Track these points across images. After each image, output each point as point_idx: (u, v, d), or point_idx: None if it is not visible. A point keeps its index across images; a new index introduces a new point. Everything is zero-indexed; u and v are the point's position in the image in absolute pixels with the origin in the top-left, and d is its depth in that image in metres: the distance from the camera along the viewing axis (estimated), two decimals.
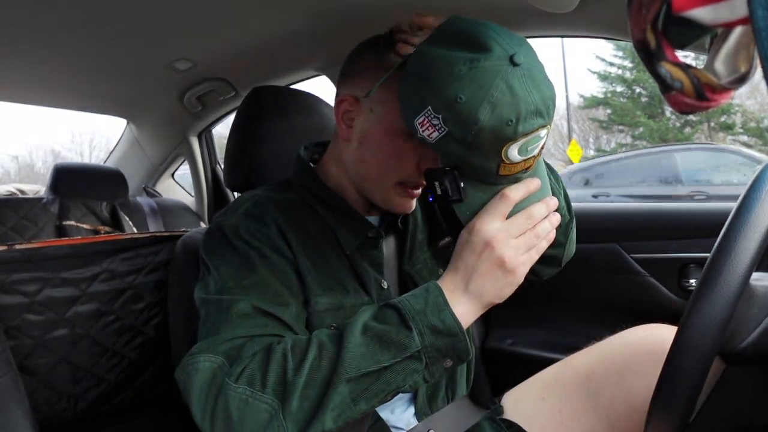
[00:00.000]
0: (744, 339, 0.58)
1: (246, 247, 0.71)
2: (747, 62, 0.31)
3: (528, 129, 0.56)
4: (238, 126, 1.08)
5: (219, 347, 0.62)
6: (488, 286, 0.62)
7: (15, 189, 1.86)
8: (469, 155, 0.59)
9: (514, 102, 0.55)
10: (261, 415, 0.56)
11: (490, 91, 0.54)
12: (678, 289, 1.11)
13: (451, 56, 0.56)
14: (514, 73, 0.55)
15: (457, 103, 0.55)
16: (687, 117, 10.76)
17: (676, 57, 0.31)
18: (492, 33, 0.57)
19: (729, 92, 0.32)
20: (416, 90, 0.60)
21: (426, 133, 0.60)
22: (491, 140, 0.57)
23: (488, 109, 0.55)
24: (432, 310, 0.61)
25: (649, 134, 12.01)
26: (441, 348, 0.60)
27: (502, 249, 0.61)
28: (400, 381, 0.60)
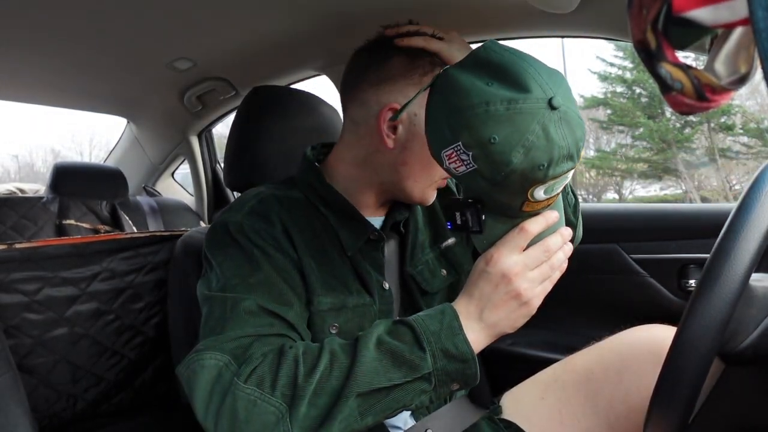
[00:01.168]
0: (743, 340, 0.58)
1: (250, 245, 0.71)
2: (747, 63, 0.31)
3: (558, 173, 0.56)
4: (238, 125, 1.08)
5: (226, 345, 0.61)
6: (502, 316, 0.63)
7: (15, 188, 1.85)
8: (494, 192, 0.58)
9: (548, 147, 0.53)
10: (268, 417, 0.56)
11: (526, 135, 0.52)
12: (678, 289, 1.11)
13: (488, 92, 0.54)
14: (551, 117, 0.53)
15: (491, 144, 0.53)
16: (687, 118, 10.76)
17: (677, 58, 0.31)
18: (532, 71, 0.54)
19: (729, 93, 0.32)
20: (448, 121, 0.57)
21: (453, 166, 0.58)
22: (520, 182, 0.56)
23: (522, 152, 0.53)
24: (446, 334, 0.61)
25: (649, 135, 12.00)
26: (451, 372, 0.61)
27: (518, 282, 0.61)
28: (408, 400, 0.60)
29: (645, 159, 12.53)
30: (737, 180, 11.67)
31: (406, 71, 0.75)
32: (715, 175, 12.07)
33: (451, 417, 0.84)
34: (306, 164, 0.84)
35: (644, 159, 12.56)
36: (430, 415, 0.82)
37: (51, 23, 1.08)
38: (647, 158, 12.45)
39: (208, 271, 0.73)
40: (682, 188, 12.27)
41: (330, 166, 0.83)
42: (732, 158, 11.70)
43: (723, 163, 11.70)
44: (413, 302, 0.82)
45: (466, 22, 1.13)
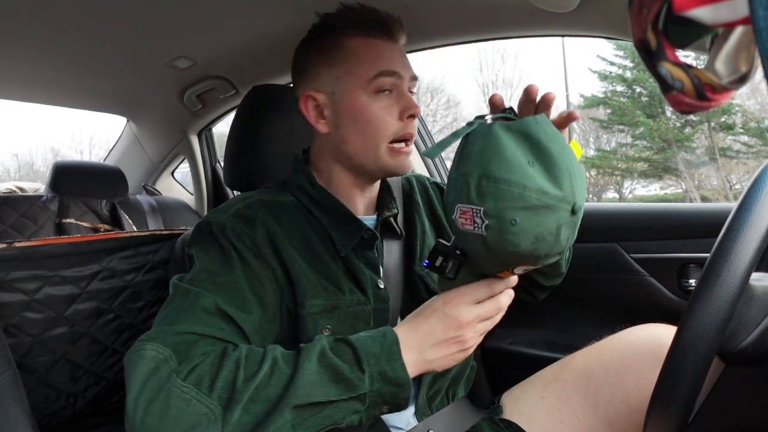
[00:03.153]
0: (743, 339, 0.58)
1: (229, 246, 0.72)
2: (748, 62, 0.31)
3: (547, 263, 0.59)
4: (238, 124, 1.08)
5: (170, 338, 0.61)
6: (441, 356, 0.65)
7: (15, 187, 1.85)
8: (485, 257, 0.60)
9: (553, 244, 0.56)
10: (199, 418, 0.55)
11: (542, 229, 0.54)
12: (677, 289, 1.11)
13: (528, 175, 0.54)
14: (568, 220, 0.55)
15: (511, 225, 0.54)
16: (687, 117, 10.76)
17: (677, 57, 0.31)
18: (570, 169, 0.55)
19: (729, 92, 0.32)
20: (479, 182, 0.56)
21: (461, 221, 0.58)
22: (514, 260, 0.59)
23: (531, 241, 0.55)
24: (386, 358, 0.62)
25: (650, 134, 12.00)
26: (385, 395, 0.62)
27: (467, 330, 0.64)
28: (339, 418, 0.60)
29: (645, 158, 12.52)
30: (737, 179, 11.67)
31: (312, 58, 0.83)
32: (715, 174, 12.06)
33: (452, 418, 0.84)
34: (297, 167, 0.85)
35: (644, 158, 12.55)
36: (432, 416, 0.82)
37: (51, 22, 1.08)
38: (647, 157, 12.44)
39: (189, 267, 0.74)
40: (683, 187, 12.26)
41: (315, 168, 0.85)
42: (732, 157, 11.70)
43: (723, 162, 11.70)
44: (420, 302, 0.82)
45: (466, 21, 1.13)
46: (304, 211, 0.81)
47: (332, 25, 0.82)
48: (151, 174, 2.12)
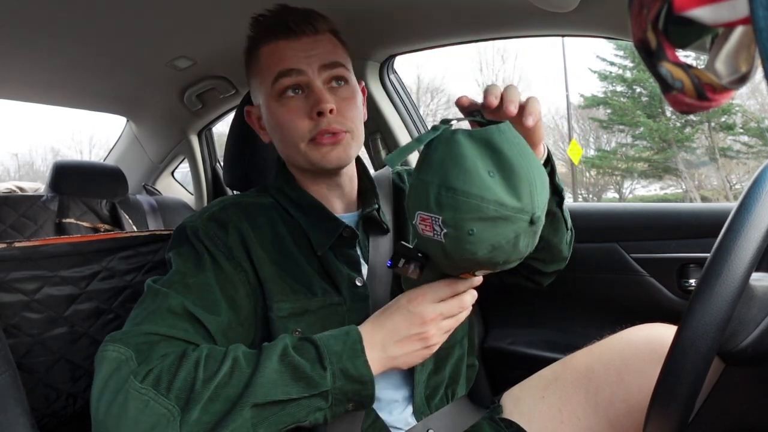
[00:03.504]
0: (743, 339, 0.58)
1: (203, 249, 0.73)
2: (748, 62, 0.31)
3: (507, 268, 0.61)
4: (238, 124, 1.08)
5: (132, 339, 0.62)
6: (405, 352, 0.65)
7: (14, 186, 1.85)
8: (444, 261, 0.61)
9: (511, 252, 0.57)
10: (157, 419, 0.56)
11: (499, 239, 0.55)
12: (678, 288, 1.11)
13: (487, 186, 0.54)
14: (527, 230, 0.56)
15: (468, 235, 0.55)
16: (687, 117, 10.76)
17: (677, 57, 0.31)
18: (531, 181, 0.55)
19: (730, 92, 0.32)
20: (438, 192, 0.56)
21: (420, 227, 0.59)
22: (472, 265, 0.60)
23: (488, 250, 0.56)
24: (348, 355, 0.62)
25: (650, 134, 12.00)
26: (348, 392, 0.62)
27: (430, 327, 0.65)
28: (303, 416, 0.61)
29: (645, 158, 12.53)
30: (737, 179, 11.68)
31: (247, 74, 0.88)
32: (715, 174, 12.07)
33: (451, 417, 0.84)
34: (278, 169, 0.87)
35: (644, 158, 12.56)
36: (431, 416, 0.82)
37: (51, 22, 1.08)
38: (647, 157, 12.45)
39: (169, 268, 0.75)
40: (683, 187, 12.27)
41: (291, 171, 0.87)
42: (732, 157, 11.70)
43: (723, 162, 11.70)
44: None
45: (467, 20, 1.13)
46: (282, 212, 0.82)
47: (252, 38, 0.84)
48: (151, 174, 2.12)
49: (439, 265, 0.64)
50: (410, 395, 0.82)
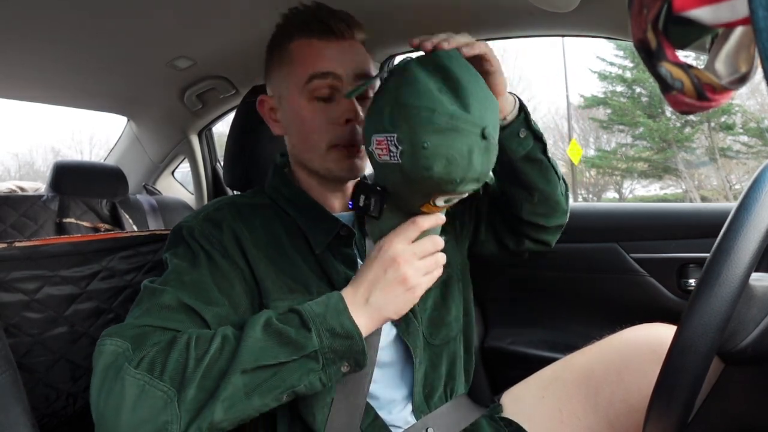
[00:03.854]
0: (743, 339, 0.58)
1: (198, 248, 0.73)
2: (747, 62, 0.31)
3: (464, 190, 0.62)
4: (238, 124, 1.08)
5: (128, 332, 0.63)
6: (389, 300, 0.66)
7: (15, 186, 1.85)
8: (404, 189, 0.64)
9: (466, 167, 0.59)
10: (156, 402, 0.57)
11: (453, 151, 0.58)
12: (677, 288, 1.11)
13: (437, 100, 0.58)
14: (479, 144, 0.59)
15: (422, 148, 0.58)
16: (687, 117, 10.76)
17: (677, 57, 0.31)
18: (480, 97, 0.59)
19: (729, 92, 0.32)
20: (392, 111, 0.60)
21: (378, 152, 0.62)
22: (431, 188, 0.61)
23: (443, 164, 0.58)
24: (332, 314, 0.63)
25: (649, 134, 12.00)
26: (338, 350, 0.63)
27: (405, 267, 0.65)
28: (296, 380, 0.61)
29: (645, 158, 12.53)
30: (737, 179, 11.68)
31: (268, 62, 0.84)
32: (715, 174, 12.07)
33: (451, 416, 0.84)
34: (274, 169, 0.87)
35: (644, 158, 12.56)
36: (431, 414, 0.82)
37: (52, 21, 1.08)
38: (647, 157, 12.45)
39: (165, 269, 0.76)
40: (682, 187, 12.27)
41: (292, 169, 0.87)
42: (732, 158, 11.70)
43: (723, 162, 11.70)
44: None
45: (467, 21, 1.13)
46: (279, 212, 0.82)
47: (283, 28, 0.82)
48: (151, 174, 2.12)
49: (399, 196, 0.66)
50: (409, 394, 0.82)
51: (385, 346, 0.80)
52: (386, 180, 0.66)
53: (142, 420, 0.56)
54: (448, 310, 0.87)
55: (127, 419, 0.57)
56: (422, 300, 0.83)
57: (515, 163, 0.82)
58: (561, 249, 1.24)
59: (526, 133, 0.80)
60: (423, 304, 0.84)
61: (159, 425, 0.56)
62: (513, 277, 1.30)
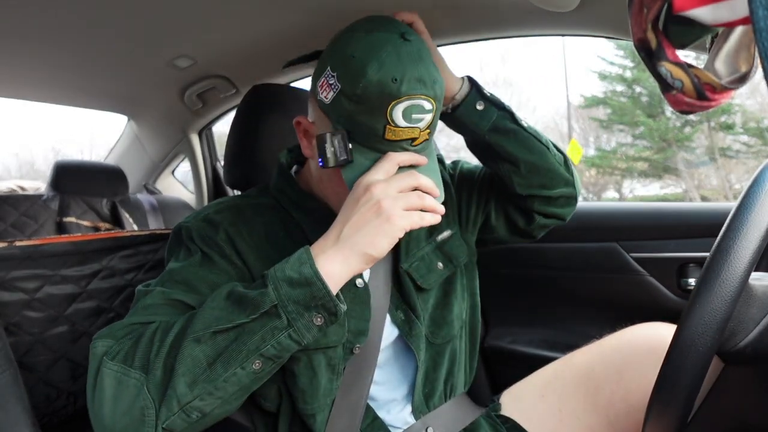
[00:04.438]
0: (742, 338, 0.58)
1: (195, 249, 0.73)
2: (747, 62, 0.31)
3: (410, 91, 0.63)
4: (238, 123, 1.08)
5: (117, 332, 0.63)
6: (362, 233, 0.62)
7: (15, 186, 1.85)
8: (357, 112, 0.64)
9: (399, 65, 0.63)
10: (130, 390, 0.57)
11: (380, 52, 0.63)
12: (677, 288, 1.11)
13: (354, 28, 0.67)
14: (403, 44, 0.64)
15: (351, 59, 0.64)
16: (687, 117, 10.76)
17: (677, 57, 0.32)
18: (394, 23, 0.68)
19: (729, 92, 0.32)
20: (322, 58, 0.69)
21: (323, 95, 0.67)
22: (377, 96, 0.63)
23: (376, 65, 0.62)
24: (292, 266, 0.60)
25: (649, 134, 11.98)
26: (299, 300, 0.59)
27: (378, 193, 0.62)
28: (260, 341, 0.58)
29: (645, 158, 12.51)
30: (737, 179, 11.66)
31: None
32: (715, 174, 12.06)
33: (450, 415, 0.84)
34: (278, 168, 0.85)
35: (644, 158, 12.54)
36: (430, 414, 0.82)
37: (52, 21, 1.08)
38: (647, 157, 12.43)
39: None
40: (682, 187, 12.26)
41: (306, 169, 0.84)
42: (732, 157, 11.69)
43: (723, 162, 11.69)
44: (407, 298, 0.82)
45: (466, 20, 1.12)
46: (283, 213, 0.81)
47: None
48: (151, 173, 2.12)
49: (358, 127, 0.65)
50: (408, 394, 0.82)
51: (385, 347, 0.80)
52: (340, 119, 0.66)
53: (123, 411, 0.56)
54: (450, 309, 0.86)
55: (111, 411, 0.57)
56: (424, 299, 0.83)
57: (485, 137, 0.81)
58: (561, 249, 1.24)
59: (484, 105, 0.80)
60: (425, 303, 0.83)
61: (137, 412, 0.56)
62: (513, 276, 1.30)
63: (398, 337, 0.81)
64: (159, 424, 0.56)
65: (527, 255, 1.28)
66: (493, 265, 1.29)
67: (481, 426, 0.84)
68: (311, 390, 0.72)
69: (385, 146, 0.66)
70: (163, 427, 0.56)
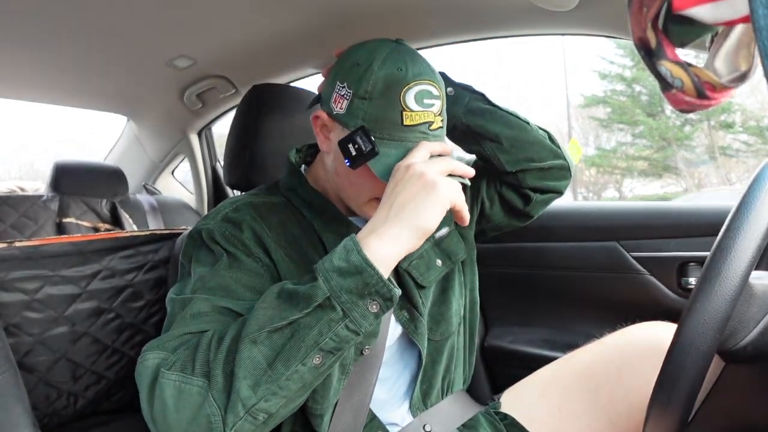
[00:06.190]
0: (743, 337, 0.58)
1: (220, 251, 0.72)
2: (747, 61, 0.31)
3: (417, 77, 0.68)
4: (238, 123, 1.07)
5: (168, 344, 0.62)
6: (410, 206, 0.61)
7: (15, 186, 1.85)
8: (373, 107, 0.68)
9: (400, 57, 0.69)
10: (194, 399, 0.56)
11: (381, 52, 0.70)
12: (677, 287, 1.11)
13: (349, 48, 0.74)
14: (398, 47, 0.71)
15: (355, 66, 0.70)
16: (687, 116, 10.76)
17: (677, 55, 0.31)
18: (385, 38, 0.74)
19: (729, 91, 0.32)
20: (329, 82, 0.74)
21: (338, 107, 0.71)
22: (388, 86, 0.68)
23: (380, 62, 0.68)
24: (339, 256, 0.60)
25: (649, 133, 11.99)
26: (352, 289, 0.58)
27: (421, 168, 0.63)
28: (317, 336, 0.57)
29: (645, 157, 12.52)
30: (737, 178, 11.67)
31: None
32: (715, 173, 12.07)
33: (448, 412, 0.84)
34: (289, 168, 0.85)
35: (644, 157, 12.55)
36: (428, 411, 0.82)
37: (51, 21, 1.08)
38: (647, 156, 12.44)
39: (182, 276, 0.75)
40: (682, 186, 12.26)
41: (315, 168, 0.84)
42: (732, 156, 11.70)
43: (723, 161, 11.70)
44: (410, 297, 0.82)
45: (466, 20, 1.12)
46: (295, 212, 0.80)
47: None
48: (151, 173, 2.11)
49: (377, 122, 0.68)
50: (407, 391, 0.82)
51: (391, 346, 0.80)
52: (357, 118, 0.69)
53: (189, 419, 0.56)
54: (449, 305, 0.86)
55: (176, 422, 0.56)
56: (425, 296, 0.83)
57: (462, 119, 0.85)
58: (561, 248, 1.24)
59: (455, 91, 0.86)
60: (425, 300, 0.84)
61: (203, 420, 0.55)
62: (513, 276, 1.30)
63: (400, 335, 0.81)
64: (225, 430, 0.55)
65: (528, 254, 1.28)
66: (493, 265, 1.28)
67: (480, 423, 0.84)
68: (323, 390, 0.72)
69: (405, 133, 0.69)
70: (230, 431, 0.56)
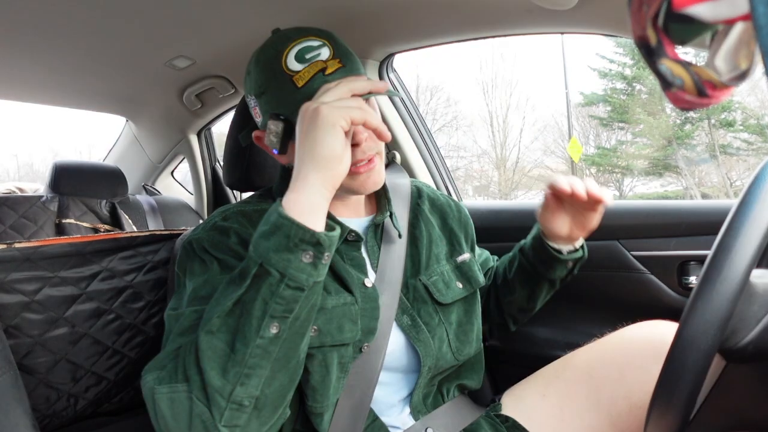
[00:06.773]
0: (744, 336, 0.58)
1: (211, 259, 0.72)
2: (748, 59, 0.31)
3: (289, 40, 0.71)
4: (237, 123, 1.07)
5: (162, 362, 0.63)
6: (308, 142, 0.61)
7: (14, 187, 1.85)
8: (269, 95, 0.71)
9: (271, 41, 0.73)
10: (184, 404, 0.57)
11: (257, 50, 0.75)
12: (678, 286, 1.11)
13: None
14: (271, 36, 0.74)
15: (248, 75, 0.76)
16: (687, 114, 10.76)
17: (677, 54, 0.31)
18: None
19: (730, 89, 0.31)
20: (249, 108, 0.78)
21: (258, 118, 0.76)
22: (269, 68, 0.70)
23: (256, 55, 0.74)
24: (263, 222, 0.60)
25: (650, 131, 12.00)
26: (278, 247, 0.57)
27: (308, 105, 0.63)
28: (263, 304, 0.56)
29: (645, 156, 12.53)
30: (738, 176, 11.68)
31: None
32: (715, 171, 12.07)
33: (450, 415, 0.84)
34: (281, 173, 0.85)
35: (644, 156, 12.56)
36: (430, 414, 0.82)
37: (50, 22, 1.08)
38: (648, 155, 12.45)
39: (177, 286, 0.75)
40: (683, 185, 12.26)
41: None
42: (732, 154, 11.70)
43: (723, 159, 11.70)
44: (420, 309, 0.82)
45: (466, 18, 1.12)
46: None
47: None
48: (150, 174, 2.12)
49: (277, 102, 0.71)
50: (408, 395, 0.82)
51: (393, 350, 0.80)
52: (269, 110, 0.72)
53: (186, 425, 0.57)
54: (472, 327, 0.88)
55: (177, 431, 0.57)
56: (446, 315, 0.84)
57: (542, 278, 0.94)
58: None
59: (571, 269, 0.94)
60: (447, 318, 0.84)
61: (197, 421, 0.56)
62: None
63: (405, 341, 0.81)
64: (218, 425, 0.56)
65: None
66: None
67: (481, 426, 0.84)
68: (323, 388, 0.72)
69: (302, 95, 0.68)
70: (223, 425, 0.56)
